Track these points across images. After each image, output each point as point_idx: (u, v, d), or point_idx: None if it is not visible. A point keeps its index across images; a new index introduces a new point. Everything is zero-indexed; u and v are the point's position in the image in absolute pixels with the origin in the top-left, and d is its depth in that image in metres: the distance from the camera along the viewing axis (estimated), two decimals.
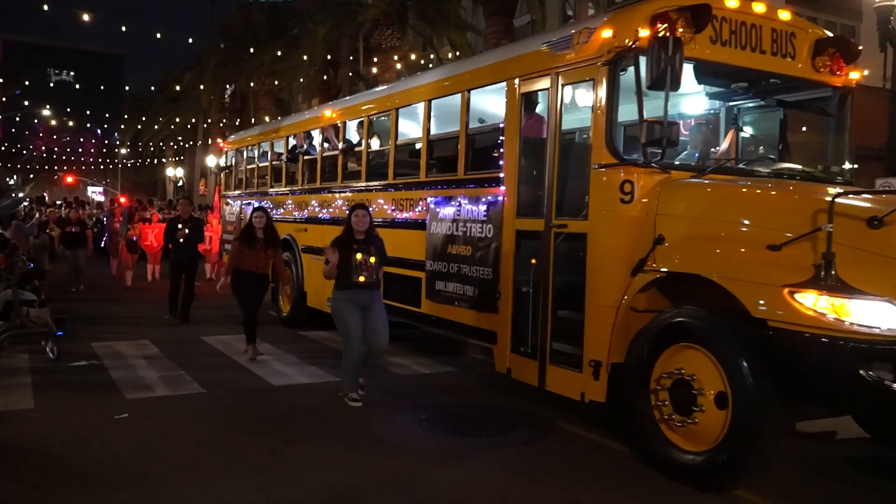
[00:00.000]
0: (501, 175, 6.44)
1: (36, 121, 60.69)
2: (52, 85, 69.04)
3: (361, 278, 6.21)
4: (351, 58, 23.75)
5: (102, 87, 53.77)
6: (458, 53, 21.23)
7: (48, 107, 50.94)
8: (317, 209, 10.13)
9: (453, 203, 7.05)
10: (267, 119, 31.58)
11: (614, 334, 5.16)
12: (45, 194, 36.28)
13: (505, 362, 6.30)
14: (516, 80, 6.34)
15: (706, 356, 4.50)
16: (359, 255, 6.20)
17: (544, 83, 6.03)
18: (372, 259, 6.25)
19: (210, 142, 42.28)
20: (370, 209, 6.69)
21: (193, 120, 42.27)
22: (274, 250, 8.35)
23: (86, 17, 20.21)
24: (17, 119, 59.55)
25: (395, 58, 21.13)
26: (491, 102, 7.12)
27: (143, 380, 7.12)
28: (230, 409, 6.23)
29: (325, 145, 10.05)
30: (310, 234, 10.20)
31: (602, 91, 5.34)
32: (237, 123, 36.98)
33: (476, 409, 6.52)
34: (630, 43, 5.15)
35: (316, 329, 9.93)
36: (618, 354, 5.14)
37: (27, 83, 51.31)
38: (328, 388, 6.95)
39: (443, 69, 8.80)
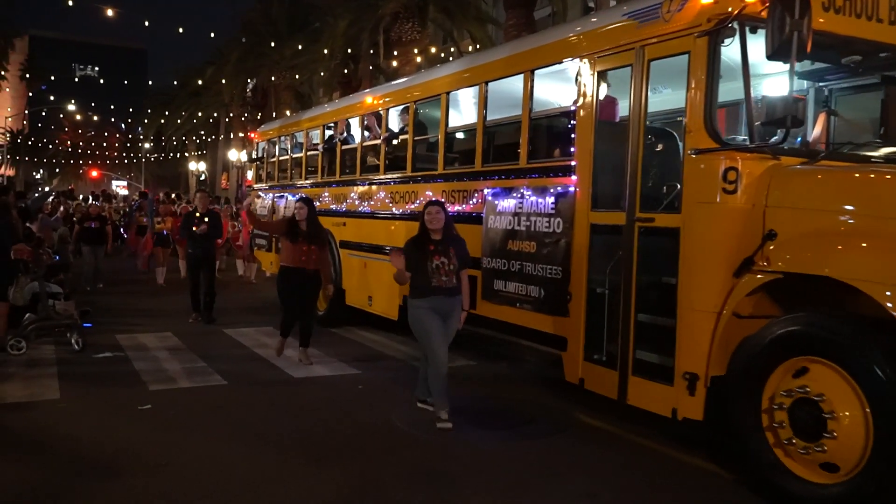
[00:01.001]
0: (572, 163, 5.87)
1: (61, 115, 61.45)
2: (76, 80, 69.88)
3: (439, 283, 5.57)
4: (371, 51, 23.74)
5: (126, 82, 54.27)
6: (478, 46, 21.14)
7: (73, 102, 51.54)
8: (356, 202, 9.60)
9: (514, 195, 6.48)
10: (288, 113, 31.74)
11: (715, 344, 4.54)
12: (70, 188, 36.71)
13: (577, 371, 5.74)
14: (590, 58, 5.74)
15: (836, 372, 3.87)
16: (436, 258, 5.57)
17: (626, 59, 5.38)
18: (451, 262, 5.59)
19: (231, 136, 42.54)
20: (415, 202, 6.36)
21: (215, 114, 42.46)
22: (319, 245, 7.60)
23: (109, 13, 20.40)
24: (43, 114, 60.42)
25: (416, 51, 21.09)
26: (555, 85, 6.61)
27: (166, 371, 7.19)
28: (251, 401, 6.26)
29: (366, 134, 9.56)
30: (349, 229, 9.70)
31: (699, 66, 4.70)
32: (258, 118, 37.16)
33: (495, 401, 6.47)
34: (734, 10, 4.49)
35: (350, 326, 9.71)
36: (718, 367, 4.53)
37: (52, 78, 51.94)
38: (348, 381, 7.02)
39: (501, 49, 8.02)
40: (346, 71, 26.04)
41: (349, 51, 24.02)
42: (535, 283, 6.17)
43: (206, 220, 10.05)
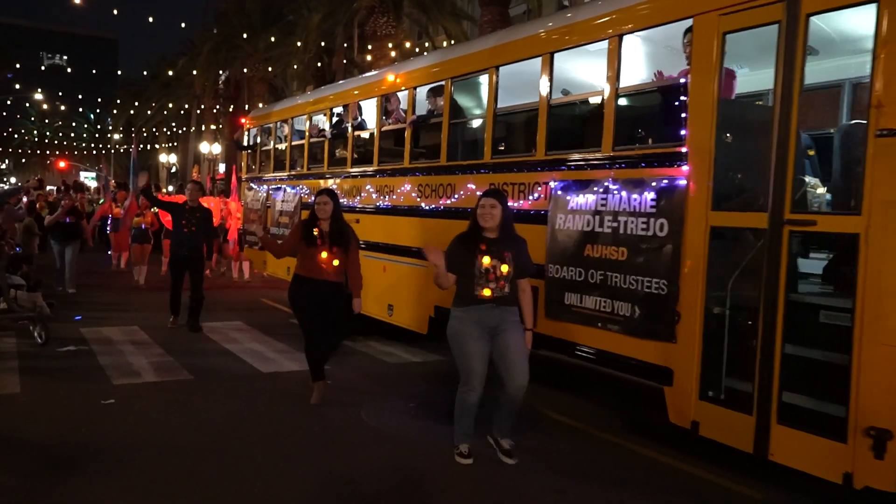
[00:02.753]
0: (683, 150, 4.74)
1: (28, 105, 60.25)
2: (43, 69, 68.46)
3: (487, 291, 4.61)
4: (345, 45, 23.63)
5: (95, 72, 53.36)
6: (452, 42, 21.13)
7: (40, 91, 50.53)
8: (373, 196, 8.35)
9: (594, 189, 5.30)
10: (261, 105, 31.47)
11: None
12: (39, 179, 36.00)
13: (687, 412, 4.63)
14: (712, 16, 4.56)
15: None
16: (486, 260, 4.62)
17: (771, 14, 4.22)
18: (505, 267, 4.63)
19: (203, 128, 42.08)
20: (451, 196, 5.60)
21: (187, 106, 42.03)
22: (345, 247, 6.00)
23: (77, 0, 20.01)
24: (9, 103, 59.12)
25: (390, 45, 21.02)
26: (653, 53, 5.63)
27: (132, 366, 7.07)
28: (218, 396, 6.18)
29: (385, 118, 8.37)
30: (363, 227, 8.24)
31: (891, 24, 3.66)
32: (231, 110, 36.82)
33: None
34: None
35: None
36: None
37: (18, 66, 50.89)
38: None
39: (574, 12, 6.18)
40: (319, 64, 25.89)
41: (323, 44, 23.89)
42: (625, 298, 5.00)
43: (197, 215, 9.05)
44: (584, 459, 4.93)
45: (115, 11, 21.37)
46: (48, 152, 62.70)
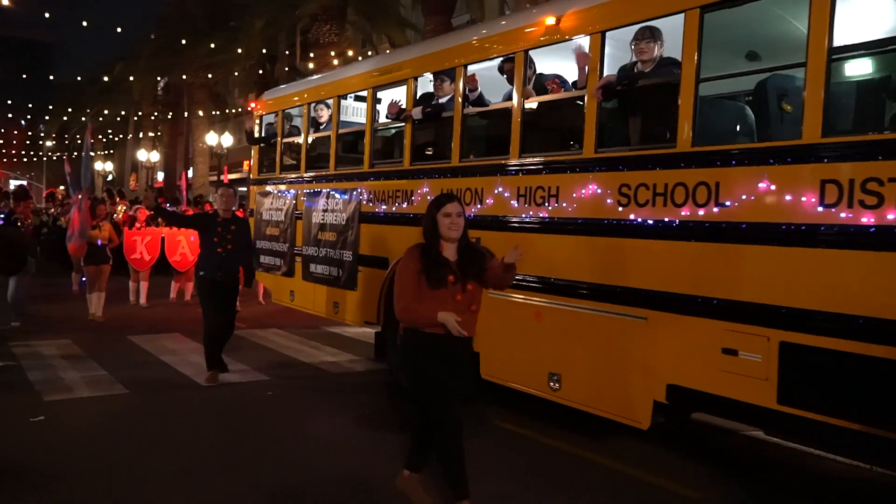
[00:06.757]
0: None
1: None
2: None
3: None
4: (287, 52, 23.42)
5: (25, 77, 51.34)
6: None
7: None
8: (512, 204, 5.65)
9: None
10: (201, 113, 30.94)
11: None
12: None
13: None
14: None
15: None
16: None
17: None
18: None
19: (141, 135, 41.03)
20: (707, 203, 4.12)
21: (124, 112, 40.94)
22: (479, 283, 3.96)
23: (6, 2, 19.28)
24: None
25: (333, 54, 20.94)
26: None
27: (63, 381, 6.80)
28: (156, 409, 6.02)
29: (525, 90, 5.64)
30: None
31: None
32: (170, 116, 36.05)
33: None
34: None
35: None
36: None
37: None
38: (258, 387, 6.86)
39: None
40: (261, 71, 25.60)
41: (265, 51, 23.64)
42: None
43: (233, 228, 7.02)
44: (530, 466, 4.96)
45: (47, 14, 20.68)
46: None
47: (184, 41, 27.54)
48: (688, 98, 4.42)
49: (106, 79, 35.21)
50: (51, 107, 47.95)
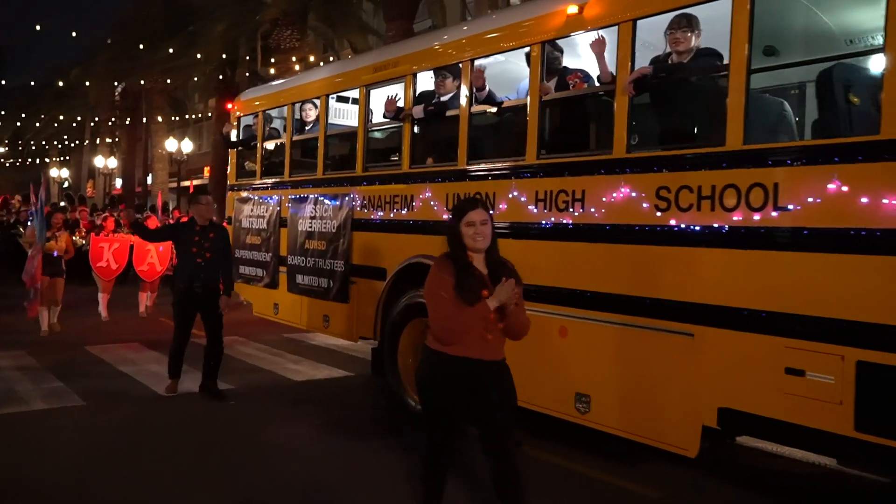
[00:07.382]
0: None
1: None
2: None
3: None
4: (248, 57, 23.22)
5: None
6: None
7: None
8: (531, 209, 5.15)
9: None
10: (160, 119, 30.47)
11: None
12: None
13: None
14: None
15: None
16: None
17: None
18: None
19: (98, 141, 40.23)
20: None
21: (79, 118, 40.09)
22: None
23: None
24: None
25: (294, 59, 20.83)
26: None
27: (17, 393, 6.65)
28: (114, 421, 5.92)
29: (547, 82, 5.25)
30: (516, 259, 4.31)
31: None
32: (128, 122, 35.41)
33: (370, 412, 6.46)
34: None
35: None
36: None
37: None
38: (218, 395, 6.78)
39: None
40: (221, 77, 25.32)
41: (225, 56, 23.39)
42: None
43: (211, 236, 6.84)
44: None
45: None
46: None
47: (142, 45, 27.15)
48: (738, 91, 3.98)
49: (61, 84, 34.45)
50: (2, 112, 46.71)
